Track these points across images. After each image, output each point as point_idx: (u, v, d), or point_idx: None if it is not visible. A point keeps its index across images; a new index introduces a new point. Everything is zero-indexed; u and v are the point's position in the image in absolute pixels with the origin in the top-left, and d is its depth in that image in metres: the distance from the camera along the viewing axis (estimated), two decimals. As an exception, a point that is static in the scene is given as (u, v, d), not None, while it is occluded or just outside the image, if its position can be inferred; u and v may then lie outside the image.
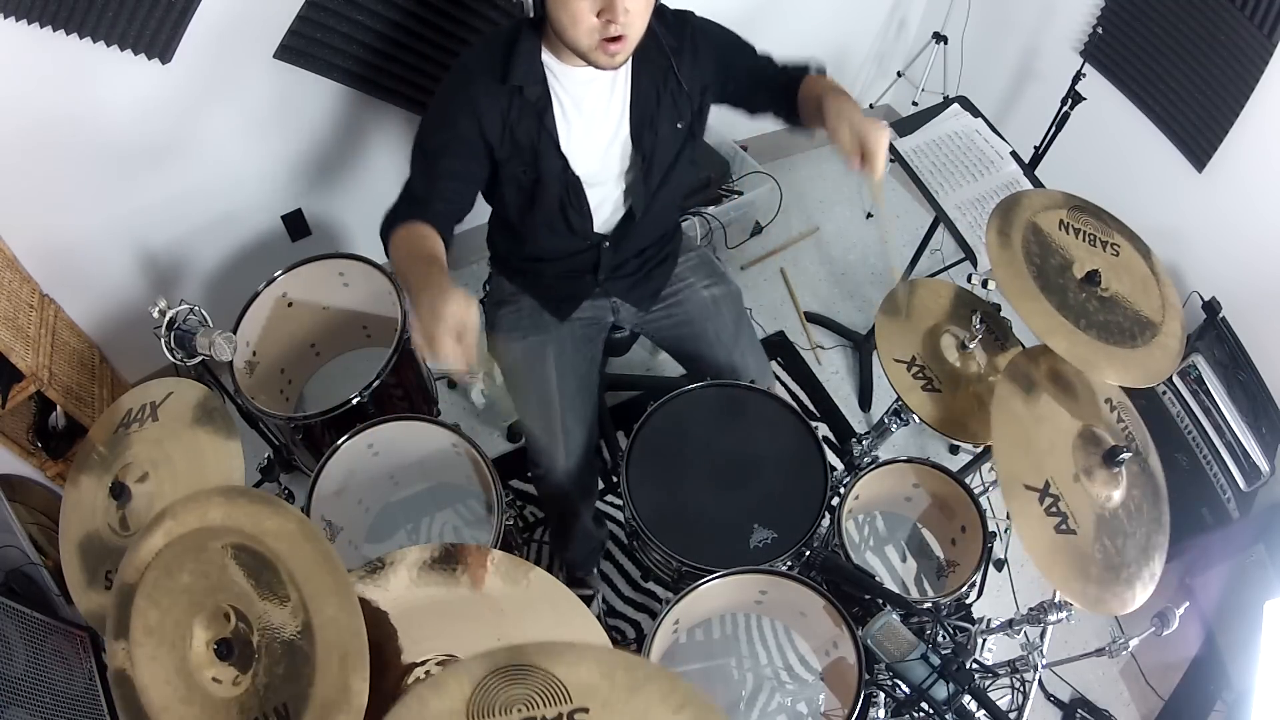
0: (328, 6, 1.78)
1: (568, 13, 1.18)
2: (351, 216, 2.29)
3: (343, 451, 1.50)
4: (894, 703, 1.28)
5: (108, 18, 1.56)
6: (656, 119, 1.41)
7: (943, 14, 2.67)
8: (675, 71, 1.40)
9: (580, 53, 1.25)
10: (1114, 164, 2.30)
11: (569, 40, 1.23)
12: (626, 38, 1.21)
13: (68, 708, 1.46)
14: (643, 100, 1.40)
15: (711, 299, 1.69)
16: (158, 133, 1.81)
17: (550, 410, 1.57)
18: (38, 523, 1.80)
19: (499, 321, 1.68)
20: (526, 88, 1.31)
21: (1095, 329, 1.36)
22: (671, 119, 1.43)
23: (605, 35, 1.19)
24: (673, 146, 1.46)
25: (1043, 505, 1.24)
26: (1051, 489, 1.26)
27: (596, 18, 1.18)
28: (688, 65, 1.41)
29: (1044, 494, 1.25)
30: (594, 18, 1.18)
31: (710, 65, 1.45)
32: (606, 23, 1.18)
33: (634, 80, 1.38)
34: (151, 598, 1.04)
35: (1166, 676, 1.94)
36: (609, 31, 1.19)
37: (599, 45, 1.21)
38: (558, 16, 1.20)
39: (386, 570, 1.15)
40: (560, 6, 1.18)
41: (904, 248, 2.78)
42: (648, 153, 1.43)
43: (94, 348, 2.09)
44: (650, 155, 1.43)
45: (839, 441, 2.37)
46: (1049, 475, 1.27)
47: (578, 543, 1.83)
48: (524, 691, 0.80)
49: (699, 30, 1.44)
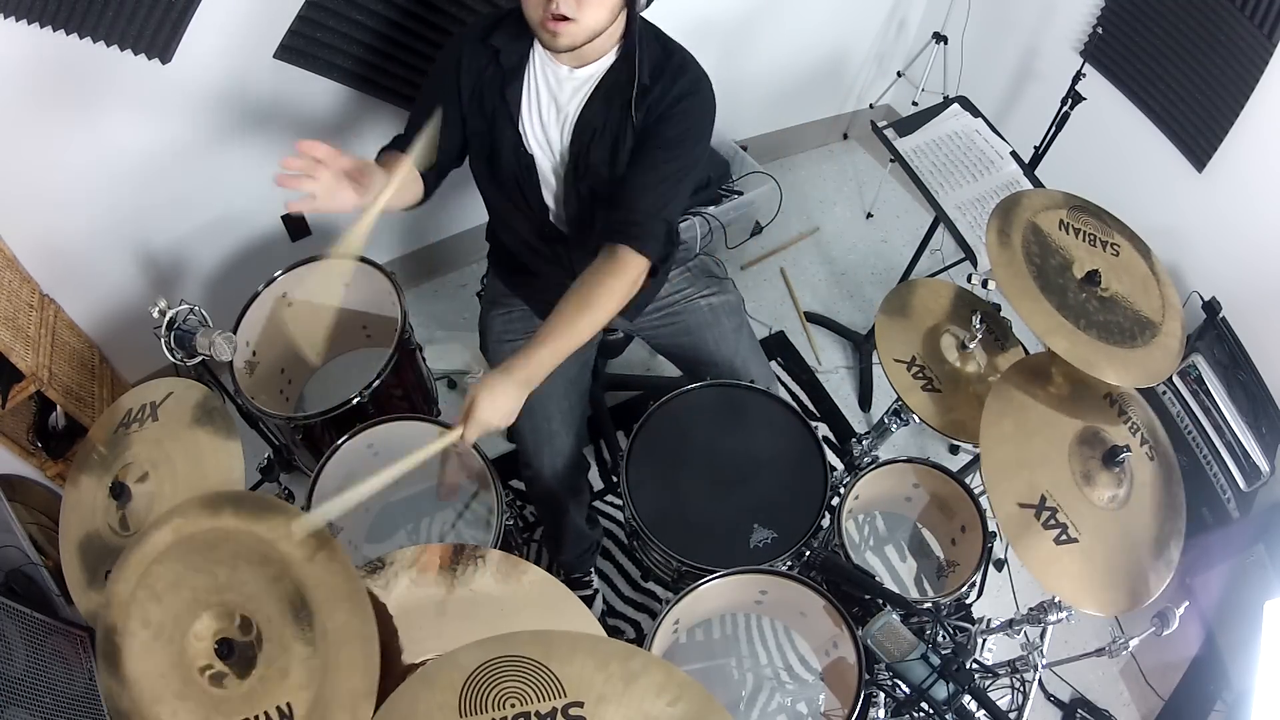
0: (328, 6, 1.77)
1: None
2: (351, 216, 2.28)
3: (343, 451, 1.50)
4: (894, 703, 1.28)
5: (108, 18, 1.56)
6: (591, 144, 1.37)
7: (943, 14, 2.66)
8: (632, 110, 1.32)
9: (533, 30, 1.25)
10: (1114, 164, 2.30)
11: (525, 11, 1.23)
12: (575, 20, 1.18)
13: (68, 708, 1.46)
14: (586, 118, 1.36)
15: (710, 308, 1.69)
16: (158, 133, 1.81)
17: (537, 414, 1.57)
18: (38, 523, 1.80)
19: (490, 324, 1.69)
20: (503, 55, 1.33)
21: (1095, 329, 1.36)
22: (604, 153, 1.37)
23: (549, 13, 1.18)
24: (603, 175, 1.40)
25: (1040, 520, 1.24)
26: (1048, 502, 1.26)
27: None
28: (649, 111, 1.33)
29: (1040, 509, 1.25)
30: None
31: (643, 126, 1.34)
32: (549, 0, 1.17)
33: (591, 94, 1.35)
34: (153, 592, 1.04)
35: (1166, 676, 1.94)
36: (551, 9, 1.17)
37: (543, 22, 1.20)
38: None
39: (386, 570, 1.15)
40: None
41: (903, 248, 2.78)
42: (581, 168, 1.40)
43: (94, 348, 2.09)
44: (583, 170, 1.40)
45: (839, 441, 2.36)
46: (1044, 489, 1.27)
47: (571, 543, 1.83)
48: (517, 685, 0.79)
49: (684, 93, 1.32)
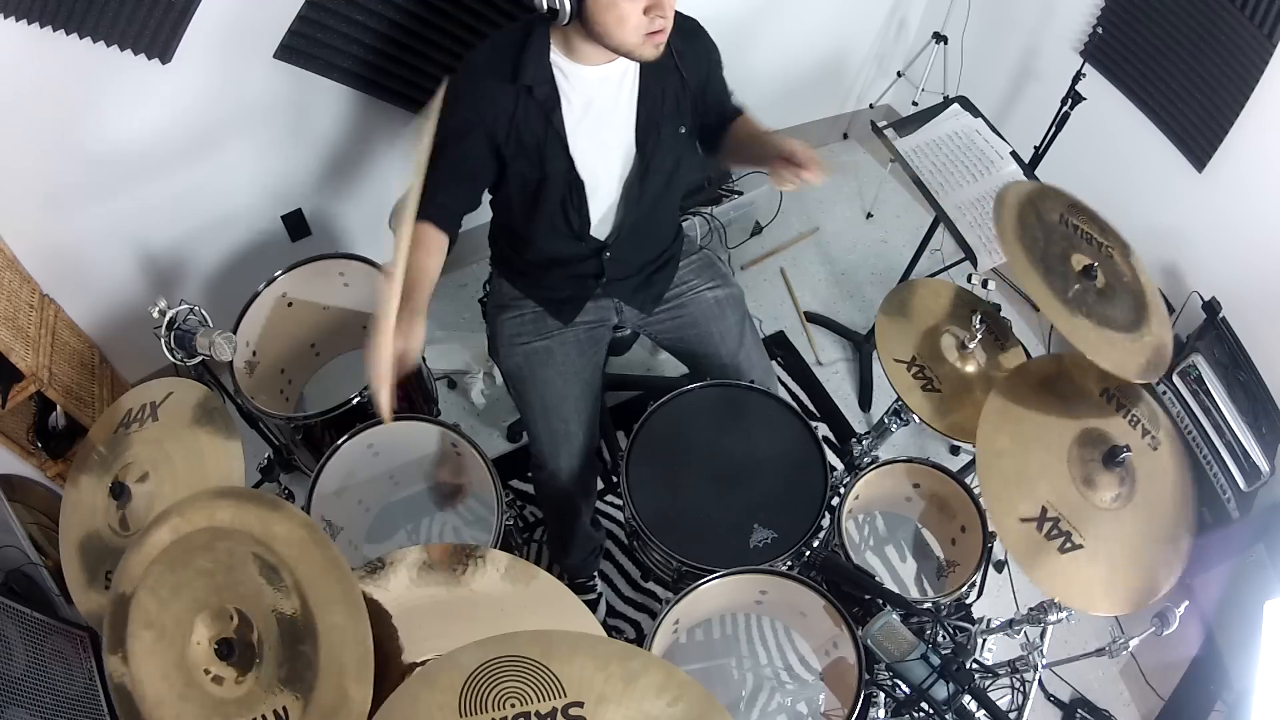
0: (328, 6, 1.77)
1: (615, 14, 1.20)
2: (351, 216, 2.28)
3: (343, 451, 1.50)
4: (894, 703, 1.28)
5: (108, 18, 1.56)
6: (661, 121, 1.42)
7: (943, 14, 2.66)
8: (680, 72, 1.40)
9: (626, 49, 1.26)
10: (1114, 164, 2.30)
11: (615, 41, 1.25)
12: (667, 29, 1.25)
13: (68, 708, 1.46)
14: (650, 100, 1.40)
15: (715, 301, 1.69)
16: (158, 133, 1.81)
17: (552, 415, 1.58)
18: (38, 523, 1.80)
19: (501, 328, 1.65)
20: (535, 87, 1.32)
21: (1095, 318, 1.35)
22: (675, 122, 1.44)
23: (652, 29, 1.22)
24: (673, 151, 1.47)
25: (1042, 531, 1.24)
26: (1049, 513, 1.25)
27: (644, 15, 1.20)
28: (690, 70, 1.42)
29: (1041, 520, 1.24)
30: (641, 15, 1.20)
31: (701, 81, 1.47)
32: (655, 18, 1.21)
33: (642, 80, 1.39)
34: (154, 592, 1.04)
35: (1166, 676, 1.93)
36: (655, 26, 1.22)
37: (645, 39, 1.24)
38: (603, 19, 1.22)
39: (386, 570, 1.15)
40: (606, 9, 1.20)
41: (903, 248, 2.78)
42: (649, 155, 1.43)
43: (94, 348, 2.08)
44: (650, 158, 1.44)
45: (839, 441, 2.36)
46: (1044, 500, 1.26)
47: (577, 546, 1.83)
48: (517, 685, 0.79)
49: (706, 44, 1.47)
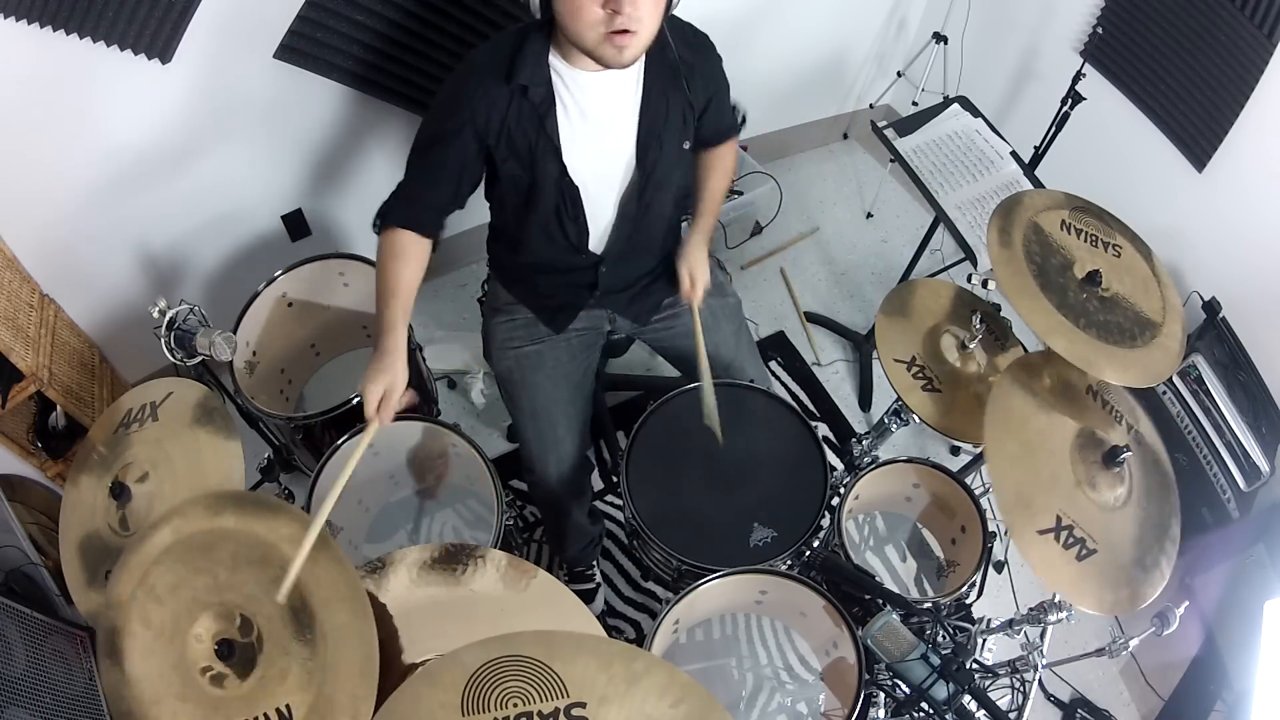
0: (328, 6, 1.77)
1: (569, 5, 1.15)
2: (351, 216, 2.29)
3: (342, 451, 1.50)
4: (894, 703, 1.28)
5: (108, 18, 1.56)
6: (663, 133, 1.38)
7: (943, 14, 2.66)
8: (686, 86, 1.37)
9: (587, 49, 1.20)
10: (1114, 164, 2.30)
11: (573, 35, 1.19)
12: (637, 33, 1.17)
13: (68, 708, 1.46)
14: (652, 110, 1.36)
15: (710, 311, 1.68)
16: (158, 133, 1.81)
17: (541, 419, 1.57)
18: (38, 523, 1.79)
19: (494, 331, 1.64)
20: (531, 89, 1.28)
21: (1095, 328, 1.36)
22: (676, 136, 1.40)
23: (612, 28, 1.15)
24: (674, 164, 1.43)
25: (1060, 541, 1.22)
26: (1064, 521, 1.24)
27: (601, 9, 1.13)
28: (697, 89, 1.39)
29: (1057, 530, 1.23)
30: (598, 9, 1.13)
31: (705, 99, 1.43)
32: (612, 14, 1.13)
33: (645, 89, 1.35)
34: (154, 592, 1.04)
35: (1166, 676, 1.93)
36: (615, 24, 1.14)
37: (605, 39, 1.17)
38: (560, 9, 1.17)
39: (386, 570, 1.15)
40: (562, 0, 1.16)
41: (903, 248, 2.78)
42: (649, 168, 1.40)
43: (94, 348, 2.08)
44: (650, 171, 1.40)
45: (839, 441, 2.36)
46: (1058, 509, 1.24)
47: (572, 539, 1.83)
48: (520, 685, 0.79)
49: (716, 66, 1.44)
